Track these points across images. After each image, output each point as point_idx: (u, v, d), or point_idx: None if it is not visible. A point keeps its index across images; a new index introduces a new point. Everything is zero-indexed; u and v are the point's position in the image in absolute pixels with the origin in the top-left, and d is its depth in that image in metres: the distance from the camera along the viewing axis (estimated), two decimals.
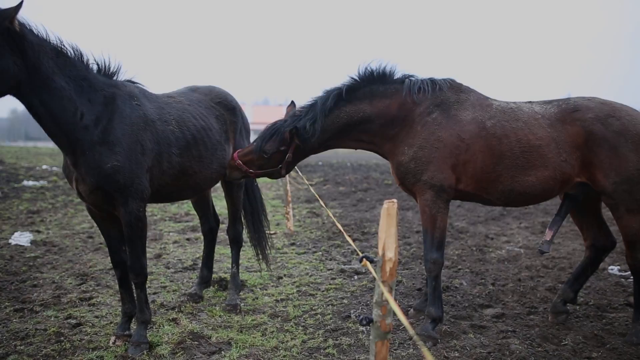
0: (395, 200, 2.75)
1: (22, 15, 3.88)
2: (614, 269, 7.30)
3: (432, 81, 4.97)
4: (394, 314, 2.60)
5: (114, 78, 4.60)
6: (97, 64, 4.50)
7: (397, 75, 5.05)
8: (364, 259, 2.90)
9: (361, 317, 2.75)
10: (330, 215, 4.99)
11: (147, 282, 6.08)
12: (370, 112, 4.91)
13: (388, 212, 2.66)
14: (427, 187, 4.78)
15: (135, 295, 4.71)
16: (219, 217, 6.45)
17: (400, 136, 4.90)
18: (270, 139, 4.92)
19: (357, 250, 3.70)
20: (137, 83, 4.84)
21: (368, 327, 2.91)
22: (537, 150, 4.76)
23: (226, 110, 5.54)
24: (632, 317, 5.05)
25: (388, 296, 2.61)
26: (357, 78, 4.99)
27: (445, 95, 4.92)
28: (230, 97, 5.70)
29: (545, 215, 11.70)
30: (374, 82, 4.99)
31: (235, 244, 6.02)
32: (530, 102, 5.15)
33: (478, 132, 4.78)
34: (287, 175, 8.99)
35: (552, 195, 5.08)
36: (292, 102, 5.31)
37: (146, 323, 4.63)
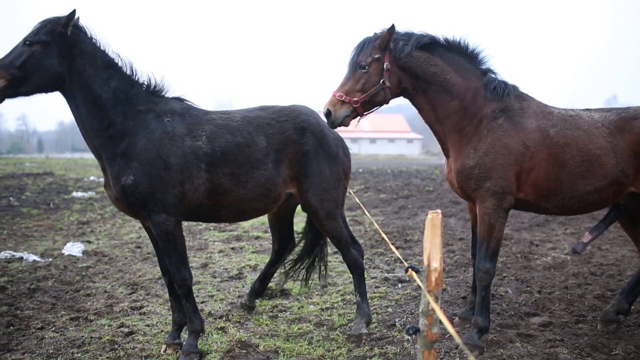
0: (439, 211, 2.80)
1: (88, 25, 4.50)
2: None
3: (506, 84, 4.94)
4: (440, 323, 2.64)
5: (162, 95, 4.77)
6: (146, 82, 4.69)
7: (485, 64, 5.03)
8: (410, 269, 2.94)
9: (408, 326, 2.79)
10: (374, 223, 5.02)
11: (195, 291, 6.26)
12: (454, 82, 4.86)
13: (433, 223, 2.70)
14: (489, 194, 4.74)
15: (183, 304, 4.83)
16: (294, 241, 6.14)
17: (469, 135, 4.85)
18: (362, 50, 4.84)
19: (401, 258, 3.75)
20: (185, 100, 4.95)
21: (414, 336, 2.94)
22: (598, 159, 4.74)
23: (292, 129, 5.04)
24: None
25: (434, 305, 2.65)
26: (449, 41, 4.95)
27: (510, 101, 4.89)
28: (304, 117, 5.14)
29: (593, 221, 11.47)
30: (464, 56, 4.98)
31: (355, 270, 5.38)
32: (588, 109, 5.13)
33: (542, 140, 4.77)
34: None
35: (607, 204, 5.07)
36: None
37: (197, 332, 4.72)
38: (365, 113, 4.97)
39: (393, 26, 4.80)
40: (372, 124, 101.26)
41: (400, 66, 4.82)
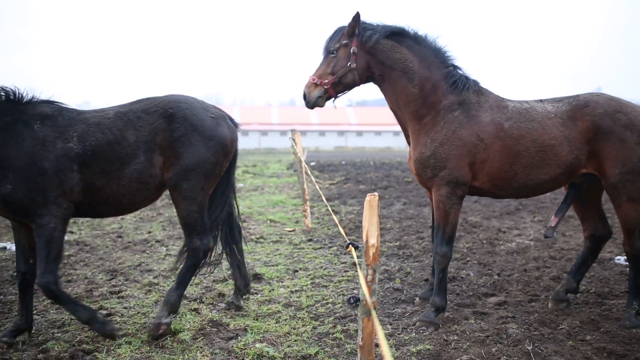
0: (376, 194, 3.13)
1: None
2: (620, 259, 7.54)
3: (467, 79, 5.30)
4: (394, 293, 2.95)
5: (28, 101, 4.82)
6: (5, 93, 4.75)
7: (451, 60, 5.40)
8: (350, 245, 3.26)
9: (349, 296, 3.12)
10: (330, 210, 5.35)
11: (173, 277, 6.55)
12: (415, 70, 5.25)
13: (370, 204, 3.03)
14: (444, 182, 5.09)
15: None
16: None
17: (427, 125, 5.20)
18: (332, 38, 5.38)
19: (346, 238, 4.06)
20: (56, 102, 4.99)
21: (355, 305, 3.27)
22: (552, 149, 5.08)
23: (162, 118, 4.99)
24: (626, 302, 5.35)
25: (369, 278, 2.98)
26: (417, 34, 5.39)
27: (468, 95, 5.23)
28: (173, 104, 5.07)
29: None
30: (431, 50, 5.37)
31: (188, 258, 5.23)
32: (541, 100, 5.44)
33: (496, 133, 5.09)
34: (304, 174, 9.41)
35: (559, 186, 5.47)
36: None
37: (85, 320, 4.80)
38: (338, 95, 5.49)
39: (358, 14, 5.31)
40: (359, 117, 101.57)
41: (367, 51, 5.28)
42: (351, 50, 5.25)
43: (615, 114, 5.08)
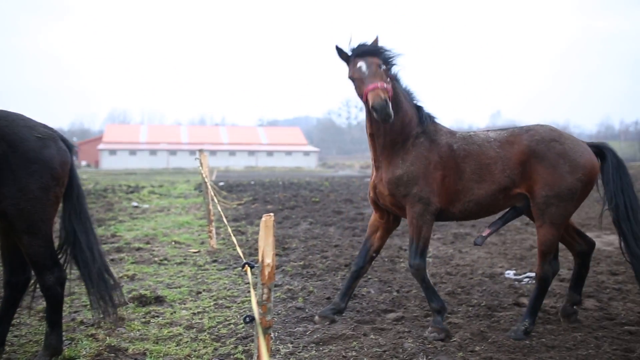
0: (272, 214, 3.21)
1: None
2: (510, 273, 8.01)
3: (429, 115, 5.89)
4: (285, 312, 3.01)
5: None
6: None
7: (413, 94, 5.95)
8: (246, 265, 3.33)
9: (245, 316, 3.18)
10: (230, 232, 5.40)
11: (69, 301, 6.35)
12: (403, 104, 5.70)
13: (266, 224, 3.12)
14: (416, 199, 5.55)
15: None
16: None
17: (399, 150, 5.68)
18: (380, 52, 5.56)
19: (242, 256, 4.13)
20: None
21: (252, 324, 3.33)
22: (487, 167, 5.60)
23: None
24: (521, 316, 5.69)
25: (265, 297, 3.06)
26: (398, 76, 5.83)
27: (429, 126, 5.80)
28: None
29: (459, 227, 12.48)
30: (402, 86, 5.84)
31: (48, 298, 4.81)
32: (488, 130, 6.01)
33: (450, 153, 5.67)
34: (210, 195, 9.38)
35: (500, 208, 5.88)
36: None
37: None
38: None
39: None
40: (270, 137, 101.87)
41: (390, 77, 5.62)
42: (387, 74, 5.52)
43: (551, 142, 5.50)
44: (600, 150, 5.74)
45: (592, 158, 5.54)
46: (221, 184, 25.92)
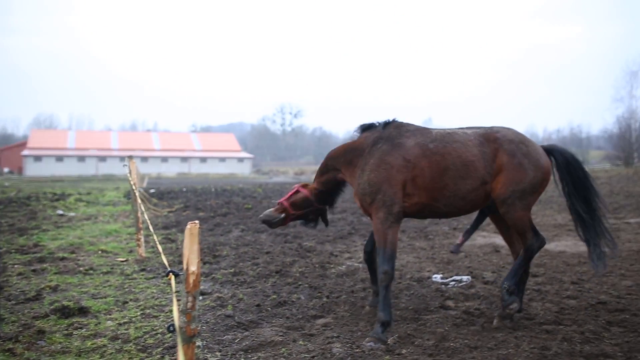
0: (197, 222, 3.18)
1: None
2: (437, 277, 8.20)
3: (379, 123, 6.30)
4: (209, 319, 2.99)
5: None
6: None
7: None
8: (170, 273, 3.29)
9: (169, 324, 3.13)
10: (156, 240, 5.31)
11: None
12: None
13: (191, 232, 3.09)
14: (380, 205, 5.76)
15: None
16: None
17: (359, 164, 6.09)
18: None
19: (167, 264, 4.07)
20: None
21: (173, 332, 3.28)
22: (472, 164, 5.98)
23: None
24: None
25: (189, 305, 3.03)
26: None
27: (388, 131, 6.14)
28: None
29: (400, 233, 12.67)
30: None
31: None
32: (461, 128, 6.39)
33: (422, 153, 5.93)
34: (138, 202, 9.20)
35: (481, 205, 6.28)
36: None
37: None
38: None
39: None
40: (203, 143, 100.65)
41: None
42: None
43: (519, 144, 6.09)
44: (550, 152, 6.42)
45: (547, 159, 6.25)
46: (152, 191, 25.41)
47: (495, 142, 6.09)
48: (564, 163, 6.40)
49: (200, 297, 7.10)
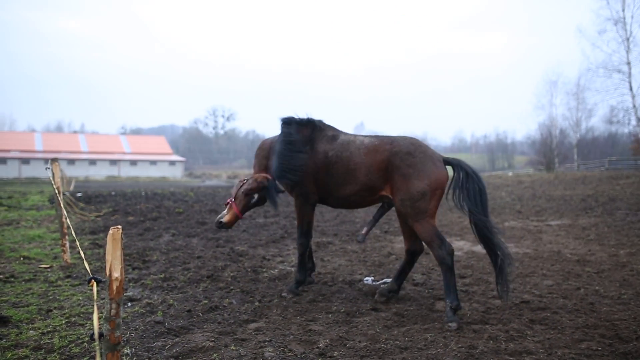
0: (120, 227, 3.11)
1: None
2: (368, 280, 8.29)
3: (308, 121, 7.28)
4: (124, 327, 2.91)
5: None
6: None
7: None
8: (92, 280, 3.20)
9: (91, 332, 3.04)
10: (79, 246, 5.15)
11: None
12: None
13: (114, 237, 3.01)
14: (299, 194, 7.16)
15: None
16: None
17: None
18: None
19: (89, 271, 3.95)
20: None
21: (98, 341, 3.17)
22: (353, 172, 6.71)
23: None
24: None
25: (113, 312, 2.95)
26: None
27: (316, 133, 7.14)
28: None
29: (322, 236, 12.76)
30: None
31: None
32: (369, 135, 7.02)
33: (324, 160, 6.93)
34: (62, 206, 8.89)
35: (367, 203, 7.05)
36: None
37: None
38: None
39: None
40: (133, 145, 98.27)
41: None
42: None
43: (405, 155, 6.44)
44: (451, 164, 6.73)
45: (438, 169, 6.41)
46: (79, 194, 24.60)
47: (384, 153, 6.59)
48: (465, 176, 6.54)
49: (129, 304, 6.93)
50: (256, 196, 7.27)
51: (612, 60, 45.85)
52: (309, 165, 6.94)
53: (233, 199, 7.28)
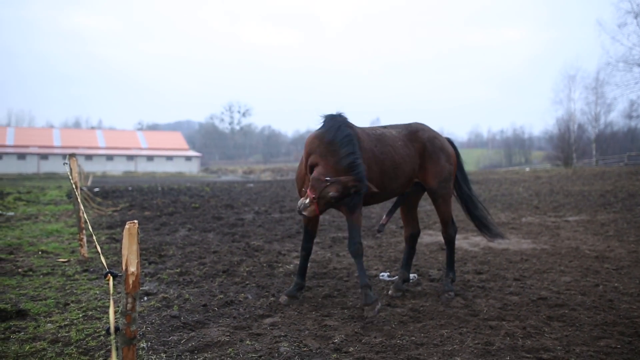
0: (136, 222, 3.11)
1: None
2: (384, 275, 8.27)
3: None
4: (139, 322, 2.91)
5: None
6: None
7: None
8: (109, 274, 3.20)
9: (107, 326, 3.05)
10: (95, 240, 5.17)
11: None
12: None
13: (130, 232, 3.01)
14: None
15: None
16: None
17: None
18: None
19: (105, 265, 3.97)
20: None
21: (115, 335, 3.18)
22: (400, 165, 6.72)
23: None
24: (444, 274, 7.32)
25: (129, 307, 2.95)
26: None
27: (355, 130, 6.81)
28: None
29: (337, 231, 12.74)
30: None
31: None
32: (386, 126, 7.13)
33: (372, 157, 6.58)
34: (80, 201, 8.96)
35: (402, 192, 7.14)
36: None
37: None
38: None
39: None
40: (150, 141, 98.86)
41: None
42: None
43: (433, 140, 6.96)
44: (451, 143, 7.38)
45: (451, 149, 7.21)
46: (96, 189, 24.81)
47: (418, 141, 6.92)
48: (459, 154, 7.36)
49: (145, 298, 6.97)
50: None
51: (633, 54, 45.33)
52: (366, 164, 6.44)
53: (315, 198, 6.02)
